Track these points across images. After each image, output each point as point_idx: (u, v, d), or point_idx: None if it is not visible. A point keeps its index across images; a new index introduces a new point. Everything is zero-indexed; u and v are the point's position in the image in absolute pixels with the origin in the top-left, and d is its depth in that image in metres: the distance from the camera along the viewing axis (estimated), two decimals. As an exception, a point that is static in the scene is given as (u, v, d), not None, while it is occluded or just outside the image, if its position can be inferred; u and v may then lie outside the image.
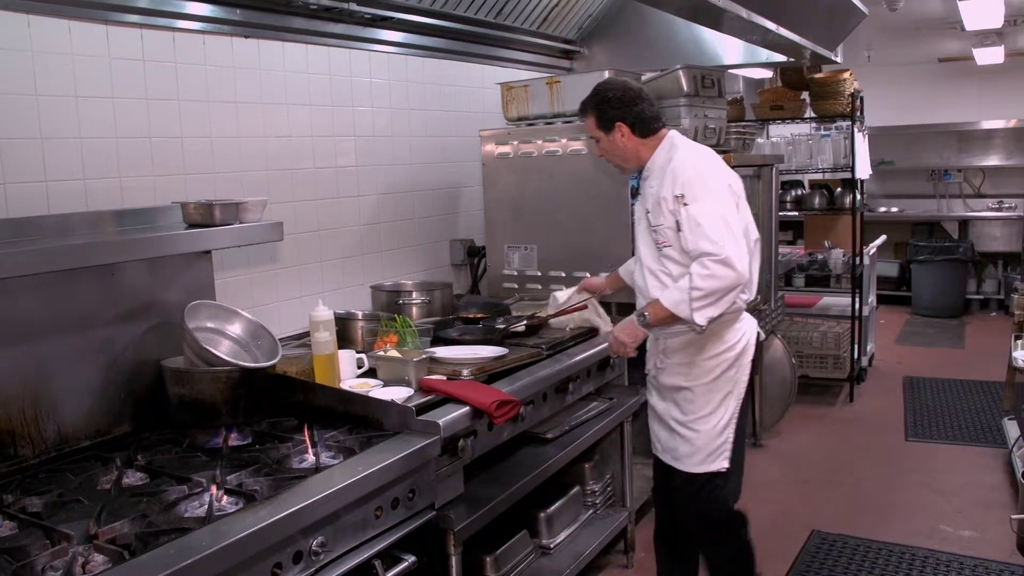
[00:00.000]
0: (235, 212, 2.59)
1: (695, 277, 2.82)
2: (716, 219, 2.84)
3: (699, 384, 3.04)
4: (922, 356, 7.76)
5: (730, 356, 3.06)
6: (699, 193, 2.87)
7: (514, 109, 4.07)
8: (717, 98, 4.63)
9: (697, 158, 2.99)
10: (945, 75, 10.23)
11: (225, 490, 2.08)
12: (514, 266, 4.04)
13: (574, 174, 3.86)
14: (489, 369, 2.94)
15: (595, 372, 3.52)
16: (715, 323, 2.94)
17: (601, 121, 3.04)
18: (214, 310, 2.72)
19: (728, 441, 3.06)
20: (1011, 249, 9.31)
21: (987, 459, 5.19)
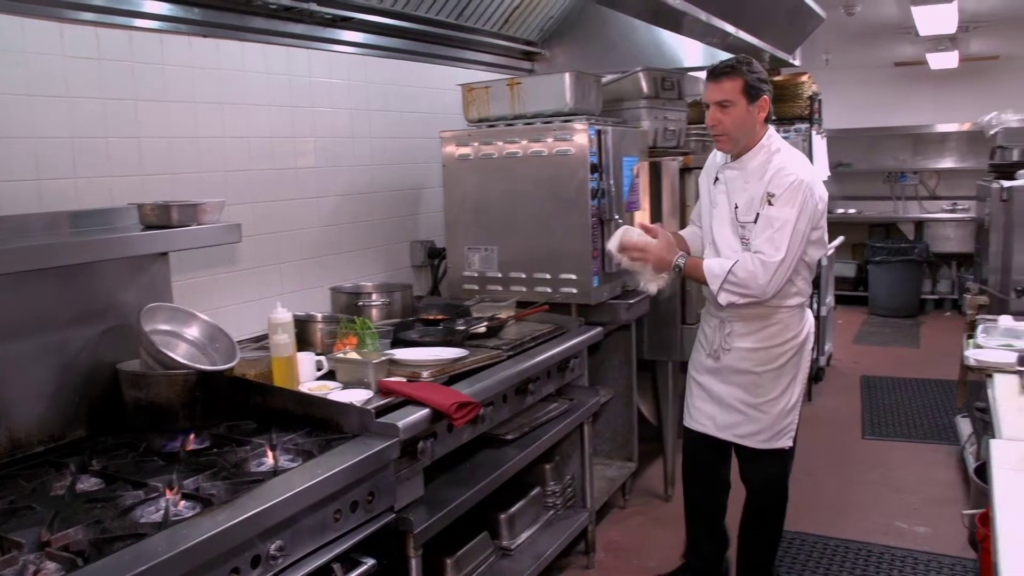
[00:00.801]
0: (192, 213, 2.57)
1: (738, 267, 3.09)
2: (789, 230, 3.05)
3: (767, 370, 3.27)
4: (879, 356, 7.88)
5: (796, 344, 3.29)
6: (787, 199, 3.06)
7: (475, 110, 4.07)
8: (677, 100, 4.68)
9: (800, 167, 3.13)
10: (901, 79, 10.39)
11: (182, 495, 2.06)
12: (474, 267, 4.04)
13: (534, 176, 3.87)
14: (449, 371, 2.94)
15: (555, 373, 3.54)
16: (784, 313, 3.23)
17: (751, 89, 3.11)
18: (171, 312, 2.69)
19: (794, 423, 3.34)
20: (964, 250, 9.47)
21: (941, 456, 5.28)
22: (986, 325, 3.83)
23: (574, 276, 3.85)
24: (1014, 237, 4.69)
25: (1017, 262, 4.71)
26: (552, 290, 3.89)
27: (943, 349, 7.73)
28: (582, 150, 3.77)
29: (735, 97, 3.12)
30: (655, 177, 4.44)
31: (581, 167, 3.78)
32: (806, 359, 3.35)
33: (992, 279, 4.89)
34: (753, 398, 3.31)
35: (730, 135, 3.18)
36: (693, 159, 4.52)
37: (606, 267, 3.89)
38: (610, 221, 3.87)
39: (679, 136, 4.71)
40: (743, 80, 3.11)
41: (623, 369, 4.49)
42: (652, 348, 4.60)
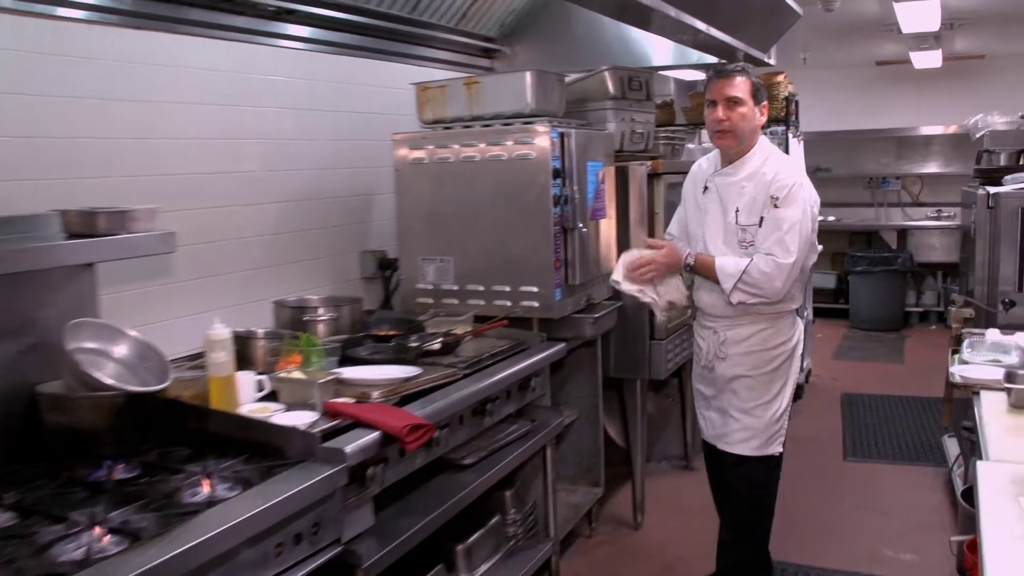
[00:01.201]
0: (122, 221, 2.54)
1: (753, 267, 3.33)
2: (797, 231, 3.32)
3: (761, 373, 3.49)
4: (860, 372, 7.97)
5: (788, 348, 3.52)
6: (792, 200, 3.33)
7: (430, 111, 4.08)
8: (645, 101, 4.72)
9: (796, 171, 3.43)
10: (883, 79, 10.55)
11: (108, 529, 2.02)
12: (429, 279, 4.03)
13: (493, 181, 3.87)
14: (401, 391, 2.93)
15: (516, 392, 3.54)
16: (777, 318, 3.46)
17: (756, 91, 3.42)
18: (97, 329, 2.66)
19: (783, 428, 3.55)
20: (950, 260, 9.62)
21: (927, 479, 5.35)
22: (972, 339, 3.89)
23: (535, 288, 3.85)
24: (1001, 246, 4.77)
25: (1004, 272, 4.79)
26: (512, 303, 3.90)
27: (929, 364, 7.83)
28: (544, 154, 3.78)
29: (746, 96, 3.40)
30: (622, 183, 4.47)
31: (542, 172, 3.79)
32: (796, 365, 3.58)
33: (978, 290, 4.97)
34: (745, 402, 3.52)
35: (736, 132, 3.42)
36: (662, 164, 4.56)
37: (569, 280, 3.91)
38: (573, 230, 3.89)
39: (647, 139, 4.75)
40: (751, 81, 3.42)
41: (588, 388, 4.50)
42: (619, 365, 4.62)
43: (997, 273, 4.80)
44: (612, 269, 4.33)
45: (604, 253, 4.27)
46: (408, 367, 3.15)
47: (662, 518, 4.85)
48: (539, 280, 3.85)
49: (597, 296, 4.28)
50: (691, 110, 6.46)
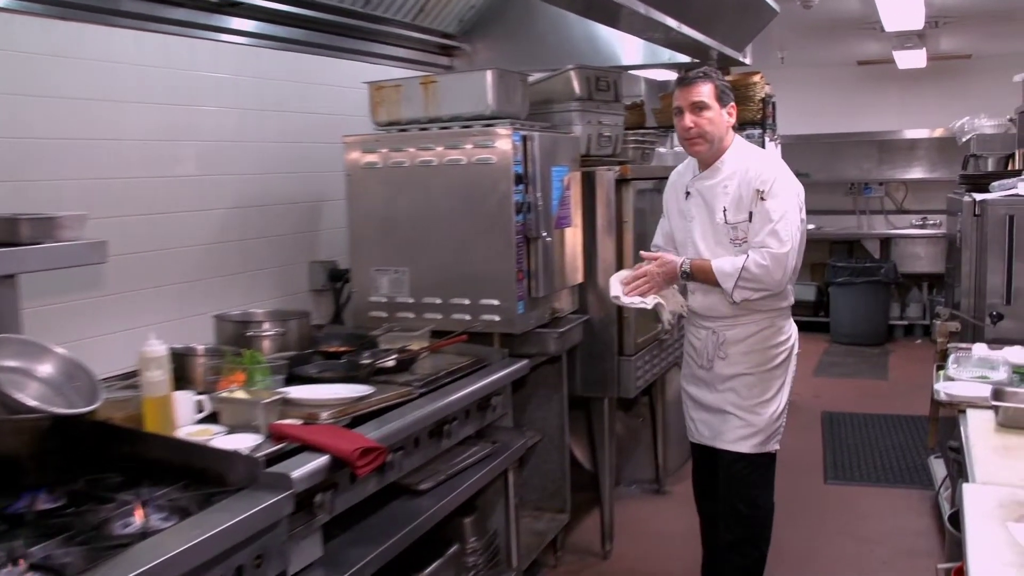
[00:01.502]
0: (47, 228, 2.51)
1: (751, 262, 3.53)
2: (788, 219, 3.54)
3: (761, 371, 3.71)
4: (842, 389, 8.05)
5: (788, 346, 3.78)
6: (777, 191, 3.56)
7: (384, 112, 4.07)
8: (613, 102, 4.74)
9: (777, 164, 3.70)
10: (865, 79, 10.69)
11: (29, 565, 1.99)
12: (383, 292, 4.02)
13: (451, 187, 3.88)
14: (352, 411, 2.92)
15: (475, 413, 3.54)
16: (776, 316, 3.71)
17: (721, 94, 3.64)
18: (19, 346, 2.62)
19: (783, 426, 3.80)
20: (936, 270, 9.71)
21: (913, 502, 5.40)
22: (958, 354, 3.93)
23: (496, 301, 3.86)
24: (988, 256, 4.81)
25: (991, 284, 4.83)
26: (471, 317, 3.90)
27: (914, 381, 7.92)
28: (505, 158, 3.79)
29: (710, 100, 3.63)
30: (588, 189, 4.50)
31: (504, 178, 3.80)
32: (794, 363, 3.85)
33: (964, 303, 5.02)
34: (746, 400, 3.73)
35: (706, 137, 3.64)
36: (631, 169, 4.59)
37: (532, 292, 3.92)
38: (537, 239, 3.90)
39: (615, 143, 4.77)
40: (714, 84, 3.64)
41: (553, 407, 4.51)
42: (586, 383, 4.63)
43: (984, 284, 4.84)
44: (577, 280, 4.36)
45: (569, 264, 4.29)
46: (360, 386, 3.14)
47: (632, 546, 4.86)
48: (500, 292, 3.86)
49: (562, 309, 4.29)
50: (662, 112, 6.50)
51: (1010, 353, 3.91)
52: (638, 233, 4.62)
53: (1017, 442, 2.90)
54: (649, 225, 4.85)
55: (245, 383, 3.00)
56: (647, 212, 4.85)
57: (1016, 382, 3.55)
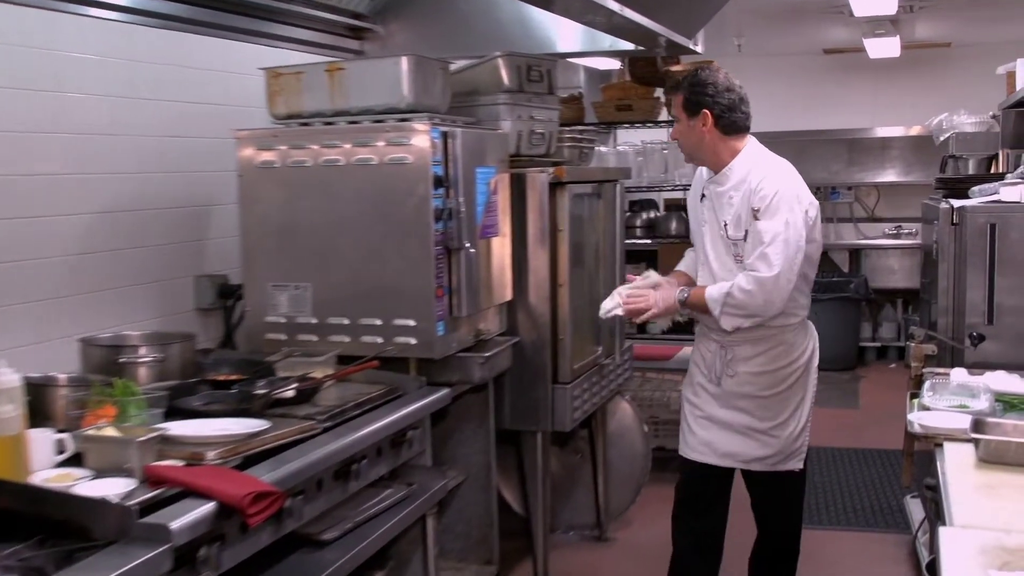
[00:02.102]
0: None
1: (736, 287, 3.80)
2: (781, 242, 3.76)
3: (775, 393, 3.99)
4: (808, 420, 8.14)
5: (802, 363, 4.05)
6: (775, 209, 3.79)
7: (283, 103, 4.05)
8: (547, 95, 4.77)
9: (781, 176, 3.90)
10: (832, 70, 10.86)
11: None
12: (281, 311, 3.99)
13: (361, 190, 3.87)
14: (244, 450, 2.90)
15: (388, 450, 3.54)
16: (783, 333, 3.98)
17: (688, 103, 3.94)
18: None
19: (805, 444, 4.10)
20: (912, 285, 9.80)
21: (888, 548, 5.48)
22: (934, 381, 3.99)
23: (412, 322, 3.86)
24: (967, 270, 4.89)
25: (972, 301, 4.91)
26: (384, 340, 3.89)
27: (888, 410, 7.99)
28: (423, 158, 3.80)
29: (678, 112, 4.00)
30: (518, 194, 4.52)
31: (421, 180, 3.81)
32: (814, 376, 4.15)
33: (942, 322, 5.10)
34: (760, 423, 4.02)
35: (683, 149, 4.09)
36: (567, 171, 4.60)
37: (453, 311, 3.94)
38: (459, 250, 3.90)
39: (549, 141, 4.79)
40: (682, 95, 3.96)
41: (478, 443, 4.51)
42: (516, 415, 4.64)
43: (963, 302, 4.92)
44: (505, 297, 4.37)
45: (497, 279, 4.30)
46: (253, 420, 3.11)
47: (570, 602, 4.86)
48: (417, 311, 3.86)
49: (488, 331, 4.30)
50: (603, 106, 6.57)
51: (992, 379, 3.98)
52: (575, 243, 4.65)
53: (1000, 479, 2.94)
54: (587, 235, 4.90)
55: (116, 418, 2.95)
56: (585, 220, 4.89)
57: (999, 412, 3.61)
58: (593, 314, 4.24)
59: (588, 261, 5.02)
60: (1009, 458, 3.06)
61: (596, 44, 5.31)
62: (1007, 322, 4.83)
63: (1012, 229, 4.82)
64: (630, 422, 5.75)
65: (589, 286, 4.96)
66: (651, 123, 6.78)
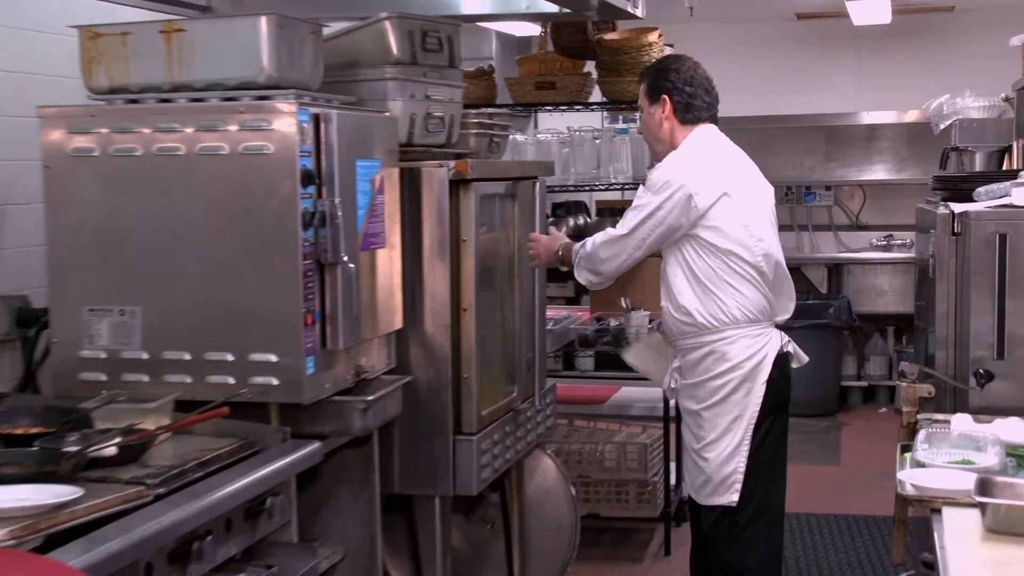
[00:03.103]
0: None
1: (590, 242, 4.71)
2: (643, 213, 4.56)
3: (705, 407, 4.59)
4: (777, 479, 8.20)
5: (738, 375, 4.56)
6: (655, 184, 4.58)
7: (103, 74, 3.99)
8: (448, 68, 4.76)
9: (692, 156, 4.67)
10: (807, 40, 11.00)
11: None
12: (101, 343, 3.92)
13: (206, 188, 3.82)
14: (47, 526, 2.83)
15: (242, 523, 3.48)
16: (716, 340, 4.57)
17: (650, 90, 4.75)
18: None
19: (738, 472, 4.57)
20: (906, 310, 9.89)
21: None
22: (931, 430, 4.04)
23: (273, 357, 3.81)
24: (971, 291, 4.94)
25: (977, 330, 4.94)
26: (236, 380, 3.84)
27: (876, 466, 8.10)
28: (287, 147, 3.76)
29: (641, 101, 4.80)
30: (410, 194, 4.51)
31: (285, 175, 3.77)
32: (757, 393, 4.60)
33: (940, 356, 5.14)
34: (695, 443, 4.65)
35: (648, 141, 4.95)
36: (474, 165, 4.59)
37: (327, 343, 3.91)
38: (335, 265, 3.87)
39: (450, 127, 4.78)
40: (646, 83, 4.78)
41: (359, 511, 4.46)
42: (408, 475, 4.63)
43: (967, 331, 4.96)
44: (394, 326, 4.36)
45: (383, 302, 4.28)
46: (60, 487, 3.04)
47: None
48: (279, 344, 3.82)
49: (372, 368, 4.29)
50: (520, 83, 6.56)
51: (1002, 428, 4.03)
52: (483, 257, 4.63)
53: (1011, 554, 2.97)
54: (499, 247, 4.89)
55: None
56: (496, 227, 4.87)
57: (1011, 469, 3.65)
58: (507, 348, 4.30)
59: (500, 280, 5.03)
60: (1022, 527, 3.09)
61: (511, 5, 5.32)
62: (1020, 356, 4.88)
63: (1026, 240, 4.88)
64: (553, 483, 5.74)
65: (501, 311, 4.96)
66: (580, 106, 6.81)
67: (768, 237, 4.75)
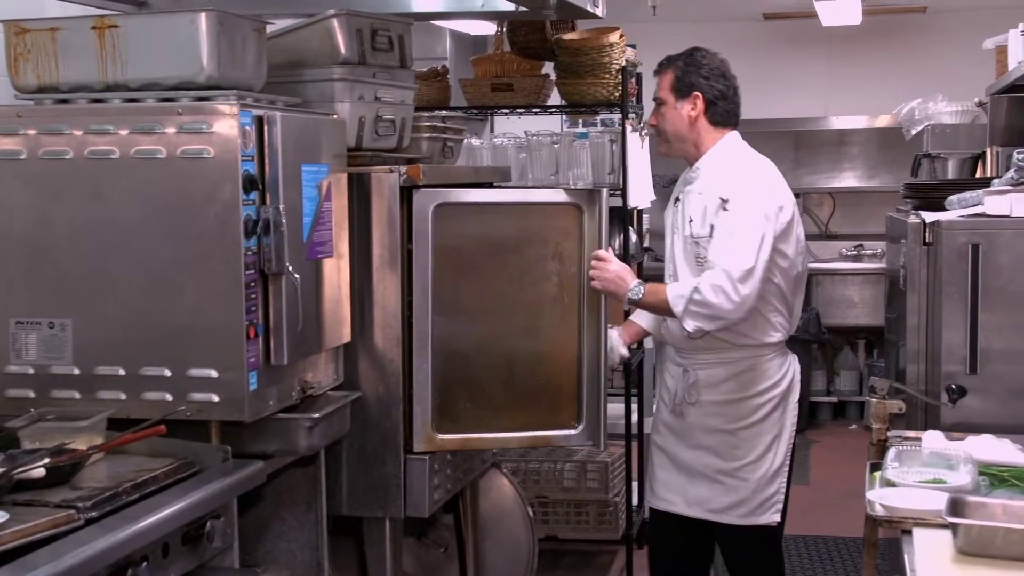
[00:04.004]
0: None
1: (704, 284, 4.40)
2: (752, 238, 4.43)
3: (743, 426, 4.63)
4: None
5: (777, 394, 4.67)
6: (745, 204, 4.49)
7: (31, 72, 3.96)
8: (399, 69, 4.75)
9: (756, 169, 4.70)
10: (774, 41, 11.05)
11: None
12: (28, 357, 3.89)
13: (144, 193, 3.80)
14: (-33, 553, 2.81)
15: (180, 548, 3.45)
16: (758, 355, 4.64)
17: (679, 83, 4.68)
18: None
19: (780, 491, 4.68)
20: (877, 322, 9.95)
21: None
22: (902, 448, 4.05)
23: (214, 372, 3.79)
24: (943, 303, 4.97)
25: (949, 343, 4.97)
26: (174, 397, 3.82)
27: (847, 485, 8.10)
28: (229, 150, 3.74)
29: (664, 94, 4.70)
30: (360, 201, 4.50)
31: (227, 181, 3.75)
32: (792, 411, 4.74)
33: (911, 371, 5.17)
34: (727, 463, 4.63)
35: (663, 136, 4.78)
36: (426, 170, 4.57)
37: (271, 357, 3.90)
38: (279, 275, 3.86)
39: (401, 130, 4.77)
40: (673, 72, 4.69)
41: (305, 535, 4.45)
42: (356, 497, 4.60)
43: (939, 345, 4.99)
44: (342, 339, 4.34)
45: (330, 314, 4.26)
46: (-15, 510, 3.02)
47: None
48: (220, 358, 3.79)
49: (318, 384, 4.28)
50: (476, 84, 6.55)
51: (975, 445, 4.05)
52: (439, 266, 4.60)
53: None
54: (470, 256, 4.84)
55: None
56: (450, 238, 4.85)
57: (983, 488, 3.67)
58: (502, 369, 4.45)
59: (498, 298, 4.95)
60: (995, 549, 3.10)
61: (465, 3, 5.32)
62: (994, 371, 4.91)
63: (1000, 251, 4.90)
64: (510, 504, 5.73)
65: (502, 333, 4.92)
66: (538, 108, 6.80)
67: (803, 251, 4.85)
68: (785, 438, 4.72)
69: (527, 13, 5.58)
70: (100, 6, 4.75)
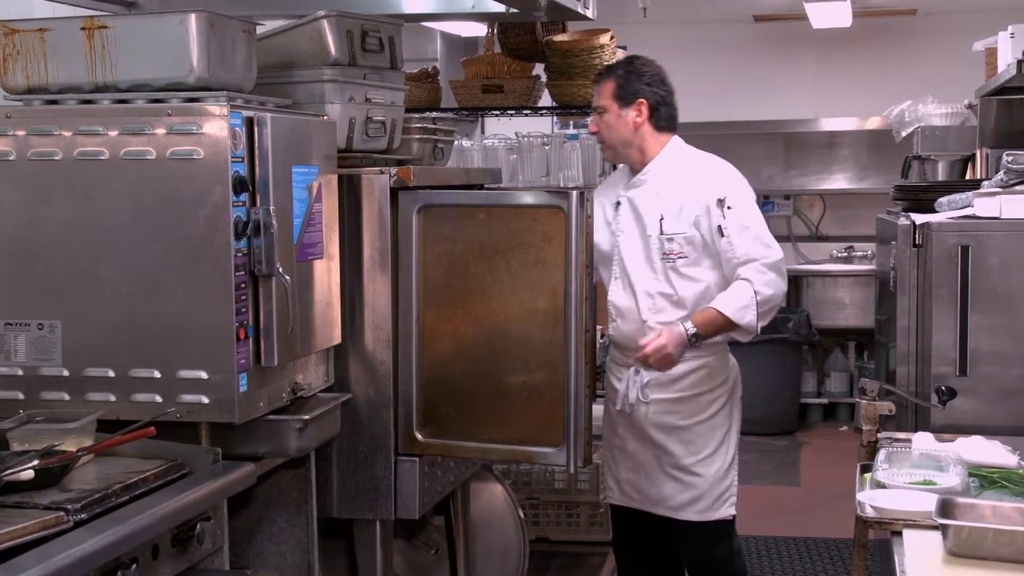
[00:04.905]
0: None
1: (757, 283, 4.62)
2: (763, 226, 4.78)
3: (697, 422, 4.78)
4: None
5: (726, 389, 4.88)
6: (742, 197, 4.84)
7: (20, 72, 3.95)
8: (389, 70, 4.75)
9: (723, 165, 4.96)
10: (765, 44, 11.05)
11: None
12: (17, 359, 3.88)
13: (133, 194, 3.79)
14: (-44, 555, 2.81)
15: (170, 550, 3.45)
16: (708, 354, 4.77)
17: (622, 91, 4.79)
18: None
19: (734, 485, 4.87)
20: (867, 324, 9.94)
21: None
22: (891, 449, 4.06)
23: (203, 374, 3.79)
24: (933, 305, 4.97)
25: (939, 345, 4.97)
26: (164, 399, 3.82)
27: (837, 487, 8.11)
28: (219, 152, 3.74)
29: (607, 102, 4.81)
30: (351, 202, 4.49)
31: (217, 182, 3.74)
32: (738, 409, 4.96)
33: (901, 372, 5.17)
34: (684, 458, 4.76)
35: (607, 144, 4.92)
36: (417, 172, 4.57)
37: (261, 359, 3.89)
38: (269, 277, 3.85)
39: (392, 132, 4.77)
40: (614, 81, 4.80)
41: (295, 536, 4.44)
42: (347, 499, 4.59)
43: (929, 346, 4.99)
44: (332, 341, 4.33)
45: (320, 316, 4.26)
46: (-26, 512, 3.02)
47: None
48: (210, 360, 3.79)
49: (309, 385, 4.28)
50: (466, 86, 6.55)
51: (965, 447, 4.05)
52: (425, 268, 4.60)
53: (975, 578, 3.00)
54: (457, 258, 4.82)
55: None
56: (439, 239, 4.84)
57: (973, 490, 3.67)
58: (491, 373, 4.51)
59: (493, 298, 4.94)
60: (985, 550, 3.11)
61: (456, 4, 5.32)
62: (984, 373, 4.91)
63: (990, 253, 4.90)
64: (501, 506, 5.73)
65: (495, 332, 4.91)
66: (529, 110, 6.80)
67: None
68: (734, 432, 4.91)
69: (518, 15, 5.58)
70: (89, 7, 4.75)
